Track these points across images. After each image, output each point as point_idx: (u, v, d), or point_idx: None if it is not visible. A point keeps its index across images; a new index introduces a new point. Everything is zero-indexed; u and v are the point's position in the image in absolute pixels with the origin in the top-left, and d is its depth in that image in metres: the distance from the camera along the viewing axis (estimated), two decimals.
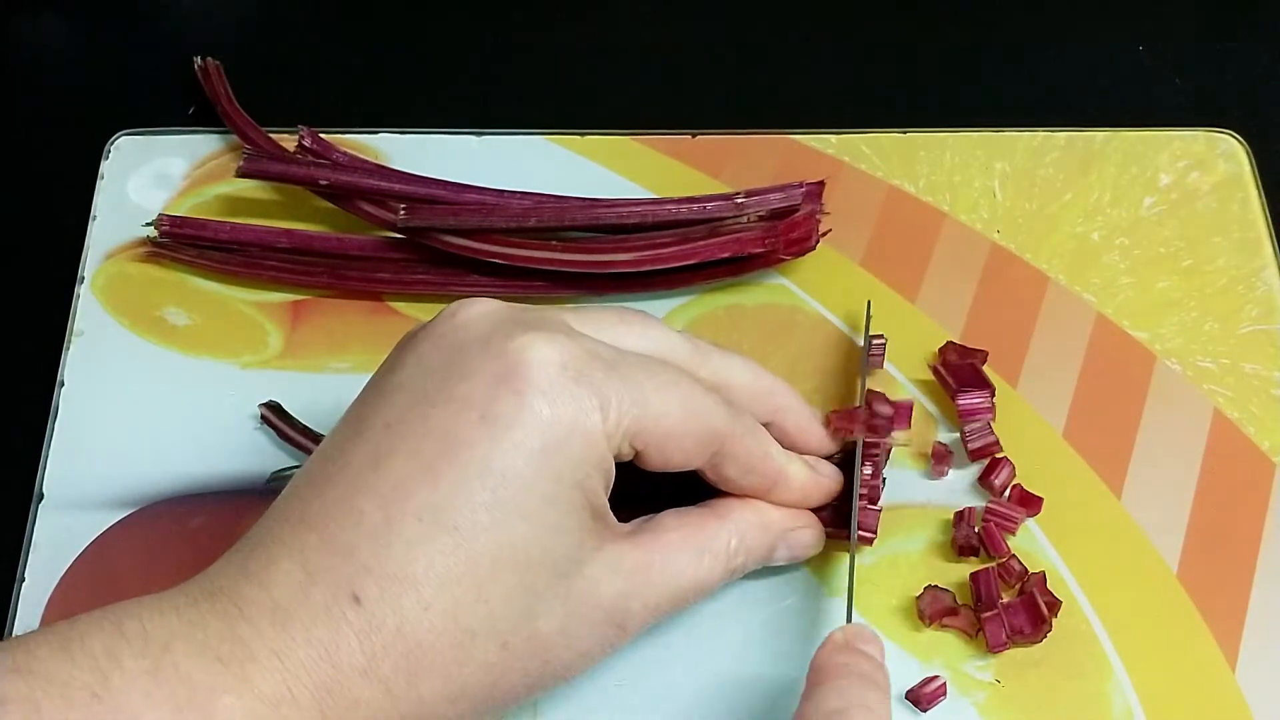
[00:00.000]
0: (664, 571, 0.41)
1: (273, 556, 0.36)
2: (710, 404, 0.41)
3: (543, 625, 0.38)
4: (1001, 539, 0.46)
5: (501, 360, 0.38)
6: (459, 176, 0.53)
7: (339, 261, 0.52)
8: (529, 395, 0.37)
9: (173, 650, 0.34)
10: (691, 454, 0.41)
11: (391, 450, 0.37)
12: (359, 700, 0.36)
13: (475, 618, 0.36)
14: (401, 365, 0.39)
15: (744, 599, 0.46)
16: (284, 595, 0.36)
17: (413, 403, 0.38)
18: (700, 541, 0.42)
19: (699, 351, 0.43)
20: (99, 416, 0.50)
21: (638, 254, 0.50)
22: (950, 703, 0.44)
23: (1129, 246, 0.54)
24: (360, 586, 0.36)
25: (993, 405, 0.48)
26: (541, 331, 0.38)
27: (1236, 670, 0.45)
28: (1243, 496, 0.48)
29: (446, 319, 0.40)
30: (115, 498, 0.48)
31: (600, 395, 0.38)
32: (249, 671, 0.35)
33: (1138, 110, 0.58)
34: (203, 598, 0.36)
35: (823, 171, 0.55)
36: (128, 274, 0.53)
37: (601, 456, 0.38)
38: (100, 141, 0.56)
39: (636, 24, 0.62)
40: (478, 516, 0.36)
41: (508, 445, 0.37)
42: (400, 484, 0.36)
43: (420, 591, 0.36)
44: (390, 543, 0.36)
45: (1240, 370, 0.51)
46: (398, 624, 0.36)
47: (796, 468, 0.44)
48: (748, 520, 0.43)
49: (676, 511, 0.42)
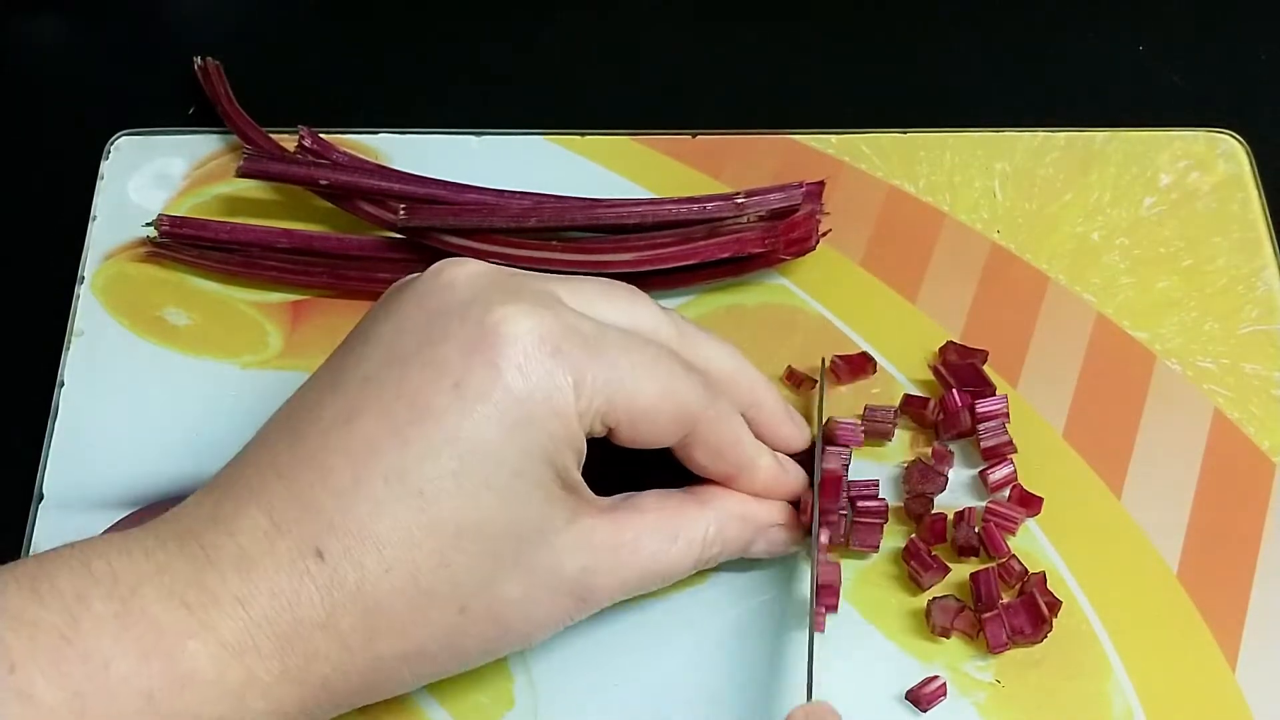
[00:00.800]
0: (635, 551, 0.41)
1: (241, 504, 0.37)
2: (688, 385, 0.41)
3: (503, 593, 0.38)
4: (1002, 539, 0.46)
5: (480, 329, 0.38)
6: (459, 176, 0.53)
7: (339, 261, 0.52)
8: (503, 367, 0.37)
9: (140, 594, 0.35)
10: (664, 432, 0.41)
11: (364, 408, 0.37)
12: (317, 652, 0.36)
13: (436, 581, 0.37)
14: (384, 320, 0.40)
15: (743, 599, 0.46)
16: (250, 544, 0.36)
17: (389, 361, 0.38)
18: (677, 525, 0.42)
19: (684, 334, 0.43)
20: (99, 416, 0.50)
21: (638, 254, 0.50)
22: (950, 703, 0.44)
23: (1129, 246, 0.54)
24: (324, 542, 0.36)
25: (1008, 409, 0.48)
26: (523, 303, 0.38)
27: (1236, 670, 0.45)
28: (1243, 496, 0.48)
29: (432, 277, 0.40)
30: (115, 498, 0.48)
31: (576, 371, 0.38)
32: (213, 617, 0.35)
33: (1138, 110, 0.58)
34: (171, 539, 0.36)
35: (823, 171, 0.55)
36: (128, 274, 0.53)
37: (573, 433, 0.39)
38: (100, 141, 0.56)
39: (636, 24, 0.62)
40: (444, 483, 0.37)
41: (479, 416, 0.37)
42: (370, 444, 0.37)
43: (382, 552, 0.36)
44: (356, 501, 0.36)
45: (1240, 370, 0.51)
46: (358, 581, 0.36)
47: (766, 460, 0.44)
48: (729, 510, 0.43)
49: (659, 492, 0.42)
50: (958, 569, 0.46)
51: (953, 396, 0.48)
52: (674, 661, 0.45)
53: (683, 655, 0.45)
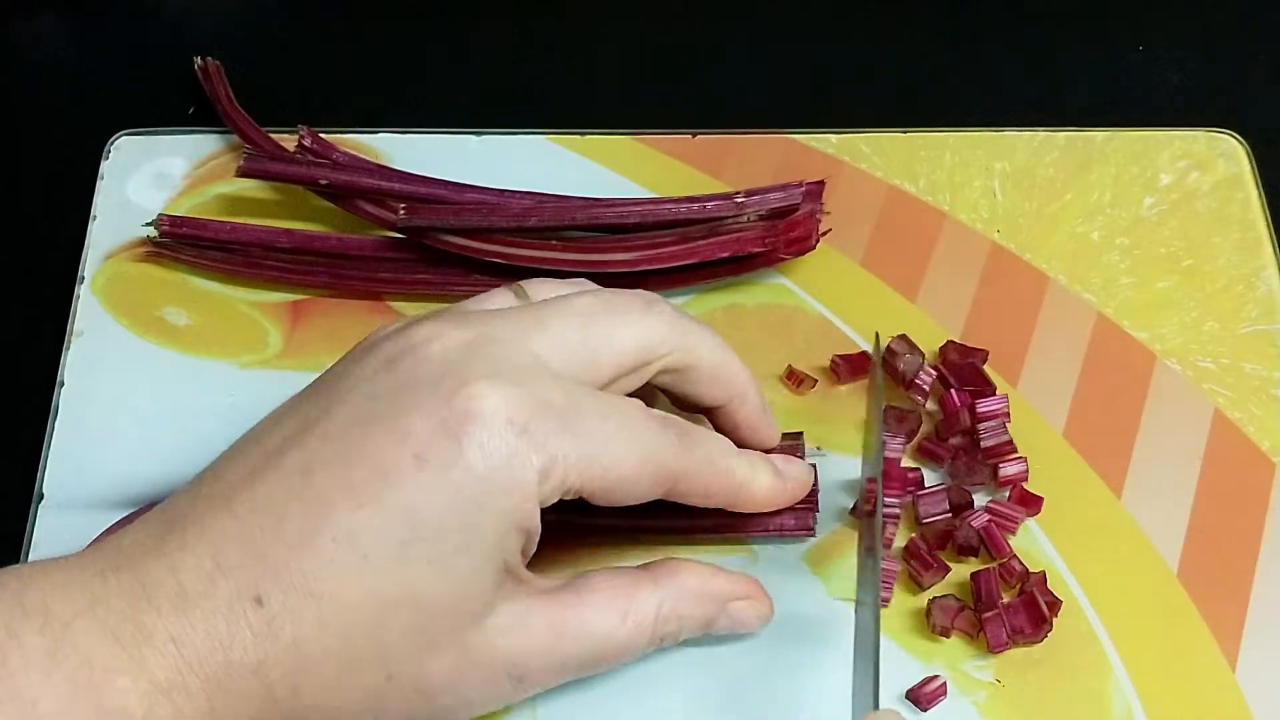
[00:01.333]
0: (579, 632, 0.40)
1: (187, 540, 0.37)
2: (664, 445, 0.40)
3: (432, 667, 0.38)
4: (1003, 539, 0.46)
5: (449, 405, 0.37)
6: (459, 176, 0.53)
7: (339, 261, 0.52)
8: (467, 446, 0.37)
9: (74, 628, 0.35)
10: (644, 493, 0.41)
11: (324, 464, 0.37)
12: (247, 696, 0.36)
13: (366, 645, 0.37)
14: (354, 378, 0.39)
15: None
16: (191, 582, 0.36)
17: (356, 421, 0.38)
18: (627, 605, 0.41)
19: (672, 330, 0.42)
20: (99, 416, 0.50)
21: (638, 254, 0.50)
22: (950, 702, 0.44)
23: (1129, 246, 0.54)
24: (265, 590, 0.36)
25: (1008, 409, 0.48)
26: (494, 380, 0.38)
27: (1236, 670, 0.45)
28: (1243, 496, 0.48)
29: (408, 344, 0.39)
30: (115, 498, 0.48)
31: (545, 452, 0.38)
32: (145, 655, 0.35)
33: (1138, 110, 0.58)
34: (110, 571, 0.36)
35: (823, 171, 0.55)
36: (128, 274, 0.53)
37: (526, 515, 0.38)
38: (100, 141, 0.56)
39: (637, 24, 0.62)
40: (390, 551, 0.36)
41: (433, 490, 0.37)
42: (325, 500, 0.37)
43: (320, 609, 0.36)
44: (303, 555, 0.36)
45: (1240, 370, 0.51)
46: (293, 635, 0.36)
47: (762, 479, 0.44)
48: (685, 587, 0.42)
49: (610, 571, 0.42)
50: (958, 569, 0.46)
51: (952, 396, 0.48)
52: (674, 664, 0.45)
53: (683, 658, 0.45)
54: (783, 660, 0.45)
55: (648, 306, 0.42)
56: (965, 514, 0.47)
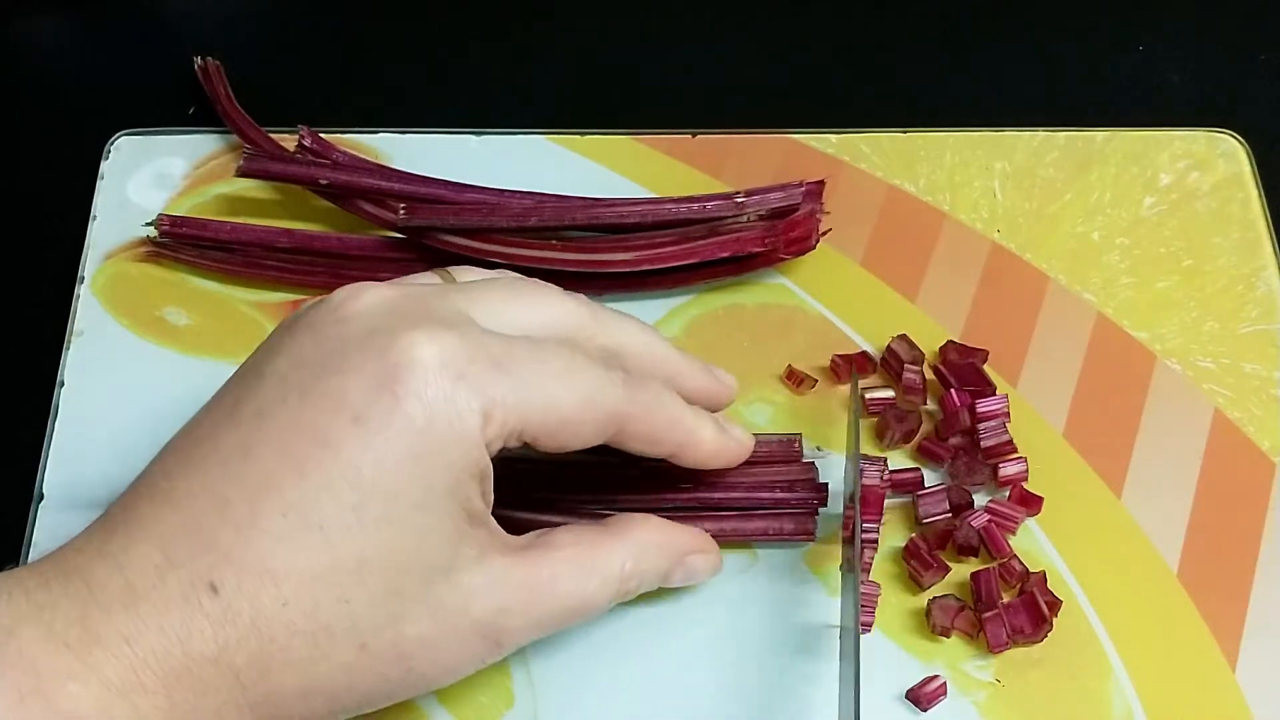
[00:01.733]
0: (551, 590, 0.40)
1: (132, 537, 0.36)
2: (606, 385, 0.40)
3: (407, 631, 0.37)
4: (1003, 539, 0.46)
5: (381, 360, 0.37)
6: (459, 176, 0.53)
7: (339, 261, 0.52)
8: (404, 398, 0.36)
9: (18, 635, 0.34)
10: (590, 437, 0.40)
11: (262, 441, 0.36)
12: (208, 688, 0.35)
13: (335, 617, 0.36)
14: (281, 351, 0.38)
15: (742, 599, 0.46)
16: (139, 578, 0.35)
17: (287, 393, 0.37)
18: (592, 561, 0.41)
19: (596, 318, 0.42)
20: (99, 416, 0.50)
21: (638, 254, 0.50)
22: (950, 702, 0.44)
23: (1129, 246, 0.54)
24: (219, 576, 0.35)
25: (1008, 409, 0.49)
26: (425, 329, 0.37)
27: (1236, 670, 0.45)
28: (1243, 496, 0.48)
29: (330, 308, 0.39)
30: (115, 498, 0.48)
31: (483, 396, 0.37)
32: (96, 657, 0.34)
33: (1138, 110, 0.58)
34: (55, 578, 0.35)
35: (823, 171, 0.55)
36: (128, 274, 0.53)
37: (476, 461, 0.38)
38: (100, 141, 0.56)
39: (637, 24, 0.62)
40: (344, 517, 0.36)
41: (378, 448, 0.36)
42: (268, 477, 0.36)
43: (279, 587, 0.35)
44: (253, 536, 0.35)
45: (1240, 370, 0.51)
46: (253, 617, 0.35)
47: (708, 431, 0.43)
48: (645, 541, 0.42)
49: (573, 528, 0.42)
50: (957, 569, 0.46)
51: (952, 396, 0.48)
52: (674, 660, 0.45)
53: (683, 654, 0.45)
54: (782, 660, 0.45)
55: (568, 294, 0.42)
56: (965, 514, 0.47)
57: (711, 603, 0.46)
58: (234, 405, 0.38)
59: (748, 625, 0.45)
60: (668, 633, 0.45)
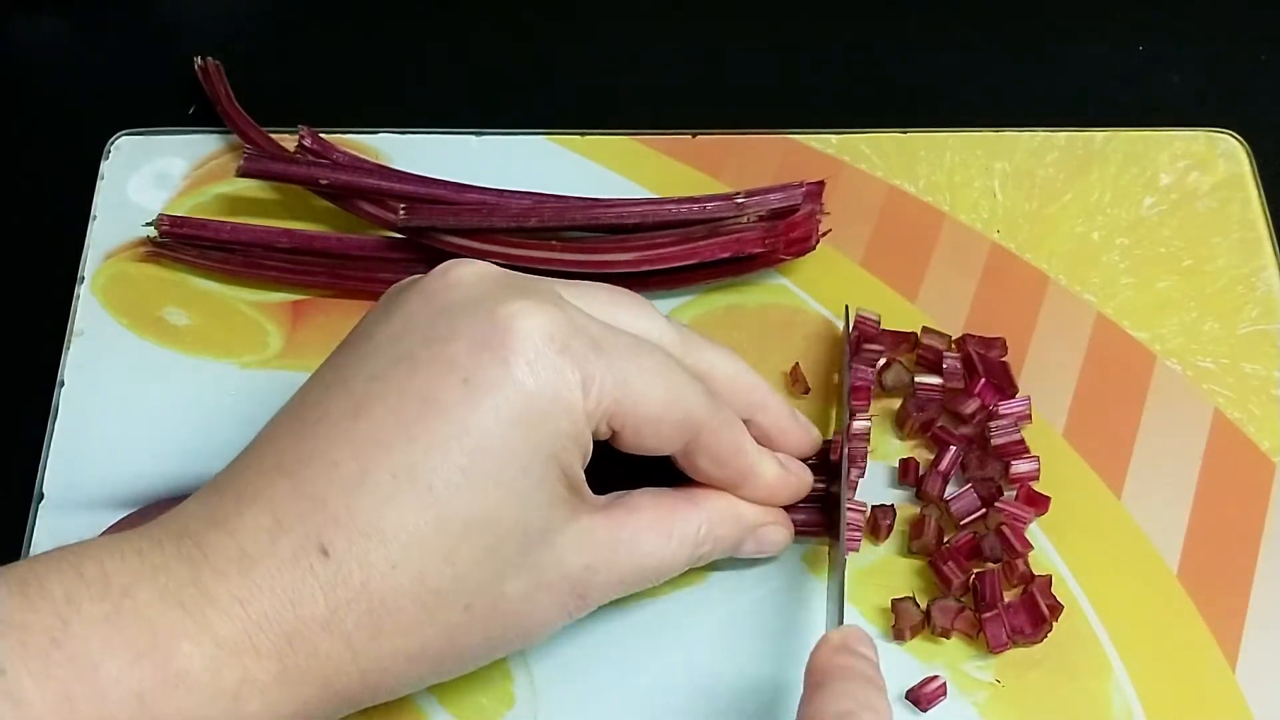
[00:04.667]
0: (632, 548, 0.41)
1: (242, 503, 0.36)
2: (692, 392, 0.41)
3: (508, 590, 0.38)
4: (1023, 535, 0.46)
5: (489, 325, 0.38)
6: (459, 176, 0.53)
7: (339, 261, 0.52)
8: (513, 363, 0.37)
9: (133, 595, 0.34)
10: (667, 440, 0.41)
11: (372, 404, 0.37)
12: (319, 652, 0.36)
13: (442, 579, 0.37)
14: (389, 319, 0.39)
15: (742, 598, 0.46)
16: (251, 542, 0.36)
17: (397, 358, 0.38)
18: (670, 524, 0.42)
19: (686, 340, 0.43)
20: (99, 416, 0.50)
21: (638, 254, 0.50)
22: (950, 703, 0.44)
23: (1129, 246, 0.54)
24: (329, 538, 0.36)
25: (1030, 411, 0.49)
26: (531, 299, 0.38)
27: (1236, 670, 0.45)
28: (1243, 496, 0.48)
29: (438, 277, 0.40)
30: (115, 498, 0.48)
31: (584, 370, 0.38)
32: (210, 618, 0.35)
33: (1138, 110, 0.58)
34: (167, 540, 0.36)
35: (823, 171, 0.55)
36: (128, 274, 0.53)
37: (580, 431, 0.38)
38: (100, 141, 0.56)
39: (637, 24, 0.62)
40: (452, 478, 0.36)
41: (488, 411, 0.37)
42: (378, 439, 0.36)
43: (389, 548, 0.36)
44: (363, 497, 0.36)
45: (1240, 370, 0.51)
46: (364, 579, 0.36)
47: (768, 465, 0.44)
48: (720, 510, 0.43)
49: (651, 491, 0.42)
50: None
51: (975, 383, 0.49)
52: (674, 661, 0.45)
53: (682, 654, 0.45)
54: (782, 660, 0.45)
55: (664, 316, 0.43)
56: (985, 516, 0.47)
57: (712, 603, 0.46)
58: (342, 371, 0.39)
59: (748, 625, 0.45)
60: (668, 633, 0.45)
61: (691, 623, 0.46)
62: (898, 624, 0.45)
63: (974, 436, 0.48)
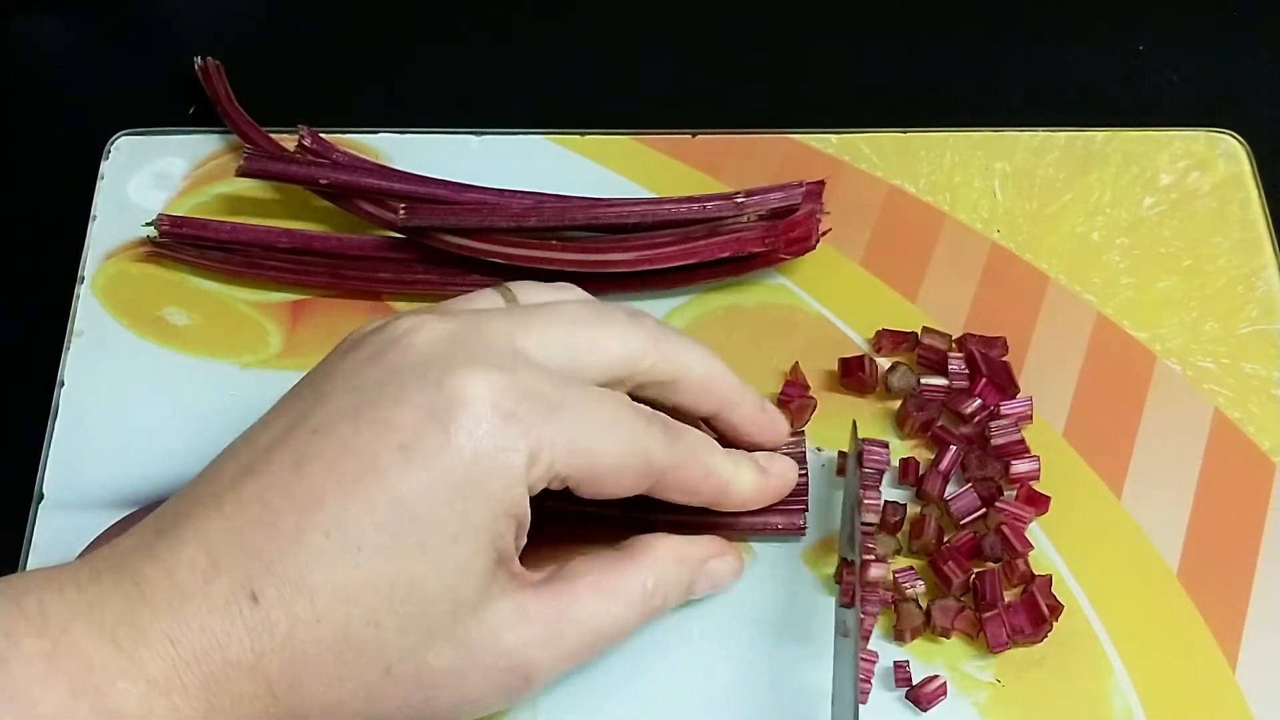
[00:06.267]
0: (575, 620, 0.40)
1: (181, 539, 0.37)
2: (650, 438, 0.41)
3: (433, 661, 0.38)
4: (1024, 535, 0.46)
5: (435, 392, 0.38)
6: (459, 176, 0.53)
7: (339, 261, 0.52)
8: (454, 431, 0.37)
9: (71, 631, 0.35)
10: (628, 487, 0.41)
11: (314, 458, 0.37)
12: (244, 694, 0.36)
13: (363, 639, 0.37)
14: (340, 374, 0.39)
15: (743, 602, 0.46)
16: (185, 580, 0.36)
17: (342, 415, 0.38)
18: (612, 585, 0.41)
19: (657, 343, 0.43)
20: (99, 416, 0.50)
21: (638, 254, 0.50)
22: (950, 703, 0.44)
23: (1129, 246, 0.54)
24: (260, 586, 0.36)
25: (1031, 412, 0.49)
26: (480, 367, 0.38)
27: (1236, 670, 0.45)
28: (1243, 496, 0.48)
29: (392, 336, 0.40)
30: (115, 498, 0.48)
31: (530, 438, 0.38)
32: (143, 656, 0.35)
33: (1138, 110, 0.58)
34: (106, 572, 0.36)
35: (823, 171, 0.55)
36: (128, 274, 0.53)
37: (516, 503, 0.38)
38: (100, 141, 0.56)
39: (636, 24, 0.62)
40: (381, 542, 0.37)
41: (422, 478, 0.37)
42: (315, 494, 0.37)
43: (315, 603, 0.36)
44: (295, 550, 0.36)
45: (1240, 370, 0.51)
46: (288, 629, 0.36)
47: (745, 476, 0.44)
48: (662, 558, 0.43)
49: (588, 556, 0.42)
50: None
51: (976, 383, 0.49)
52: (675, 661, 0.45)
53: (683, 654, 0.45)
54: (783, 661, 0.45)
55: (633, 319, 0.43)
56: (985, 516, 0.47)
57: (711, 603, 0.46)
58: (290, 421, 0.39)
59: (748, 626, 0.45)
60: (668, 633, 0.45)
61: (692, 623, 0.46)
62: (899, 625, 0.45)
63: (974, 436, 0.48)
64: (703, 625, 0.46)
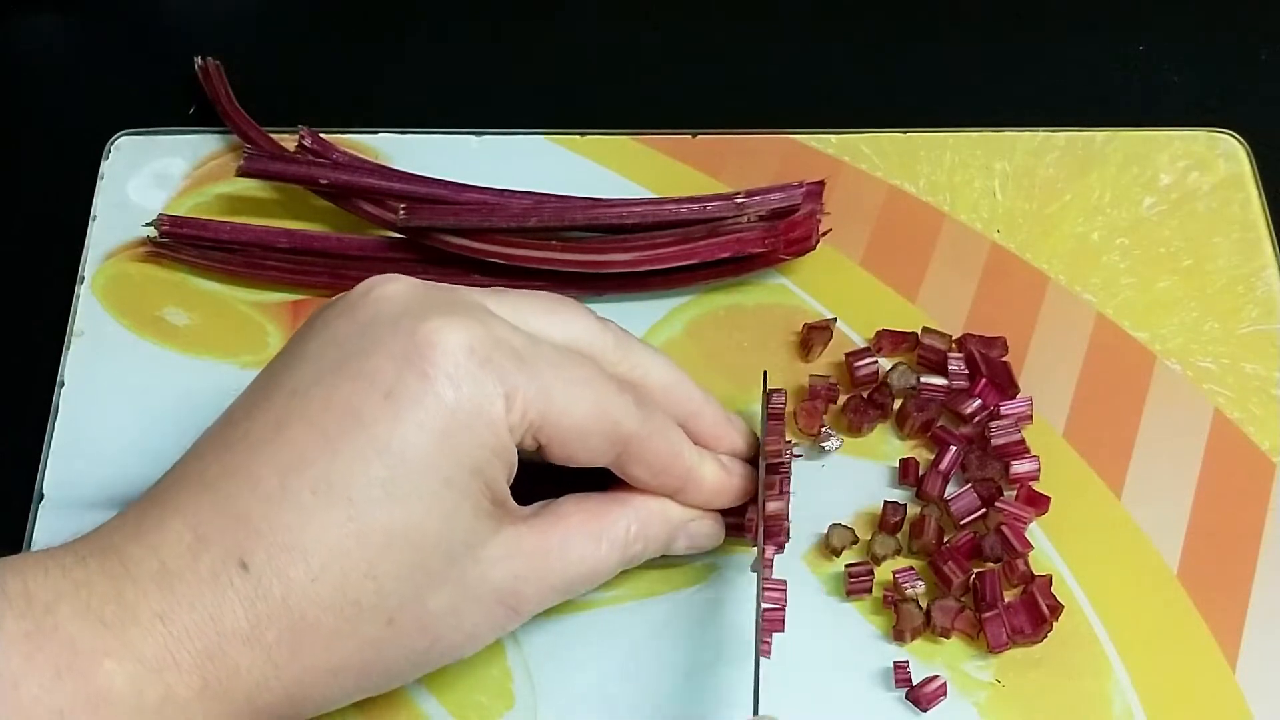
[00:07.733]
0: (561, 556, 0.41)
1: (165, 517, 0.36)
2: (620, 404, 0.41)
3: (431, 605, 0.38)
4: (1024, 535, 0.46)
5: (411, 340, 0.38)
6: (459, 176, 0.53)
7: (339, 261, 0.52)
8: (434, 377, 0.37)
9: (55, 611, 0.34)
10: (596, 452, 0.41)
11: (293, 419, 0.37)
12: (241, 667, 0.36)
13: (363, 592, 0.37)
14: (312, 336, 0.39)
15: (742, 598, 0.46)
16: (172, 557, 0.36)
17: (319, 374, 0.38)
18: (599, 527, 0.42)
19: (621, 345, 0.43)
20: (99, 416, 0.50)
21: (638, 254, 0.50)
22: (950, 703, 0.44)
23: (1129, 246, 0.54)
24: (249, 553, 0.36)
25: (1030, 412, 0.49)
26: (453, 315, 0.38)
27: (1236, 670, 0.45)
28: (1243, 496, 0.48)
29: (362, 293, 0.40)
30: (115, 498, 0.48)
31: (506, 383, 0.38)
32: (131, 635, 0.35)
33: (1138, 110, 0.58)
34: (91, 555, 0.36)
35: (823, 171, 0.55)
36: (128, 274, 0.53)
37: (503, 444, 0.38)
38: (100, 141, 0.56)
39: (637, 24, 0.62)
40: (372, 492, 0.36)
41: (409, 424, 0.37)
42: (299, 453, 0.37)
43: (309, 562, 0.36)
44: (283, 511, 0.36)
45: (1240, 370, 0.51)
46: (283, 593, 0.36)
47: (709, 469, 0.44)
48: (648, 508, 0.43)
49: (577, 496, 0.42)
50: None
51: (976, 383, 0.49)
52: (674, 660, 0.45)
53: (682, 654, 0.45)
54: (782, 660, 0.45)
55: (599, 320, 0.43)
56: (985, 516, 0.47)
57: (711, 603, 0.46)
58: (268, 388, 0.39)
59: (749, 625, 0.45)
60: (668, 633, 0.45)
61: (692, 622, 0.46)
62: (899, 625, 0.45)
63: (974, 436, 0.48)
64: (704, 626, 0.46)
